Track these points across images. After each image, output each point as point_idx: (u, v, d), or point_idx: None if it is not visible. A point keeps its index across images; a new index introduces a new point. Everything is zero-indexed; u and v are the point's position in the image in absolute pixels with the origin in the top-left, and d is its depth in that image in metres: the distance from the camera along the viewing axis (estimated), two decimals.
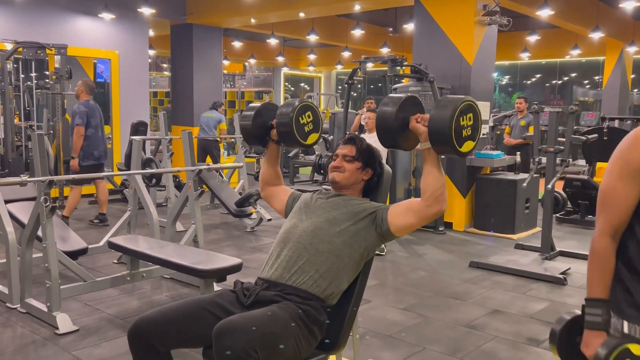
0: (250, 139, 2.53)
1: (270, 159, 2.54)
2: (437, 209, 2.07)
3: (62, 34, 7.96)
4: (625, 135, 1.57)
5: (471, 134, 2.02)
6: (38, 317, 3.58)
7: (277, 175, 2.55)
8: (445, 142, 1.97)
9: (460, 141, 1.99)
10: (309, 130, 2.41)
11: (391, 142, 2.18)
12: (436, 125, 1.99)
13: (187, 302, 2.09)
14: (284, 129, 2.37)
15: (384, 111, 2.11)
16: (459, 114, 1.97)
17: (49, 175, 3.50)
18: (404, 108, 2.10)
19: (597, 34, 9.71)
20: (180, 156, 5.46)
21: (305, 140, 2.41)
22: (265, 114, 2.48)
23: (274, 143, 2.48)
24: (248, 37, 14.17)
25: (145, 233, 4.77)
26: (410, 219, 2.12)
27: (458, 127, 1.97)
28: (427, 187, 2.07)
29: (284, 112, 2.37)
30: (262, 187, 2.59)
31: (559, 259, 5.24)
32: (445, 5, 6.55)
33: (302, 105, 2.37)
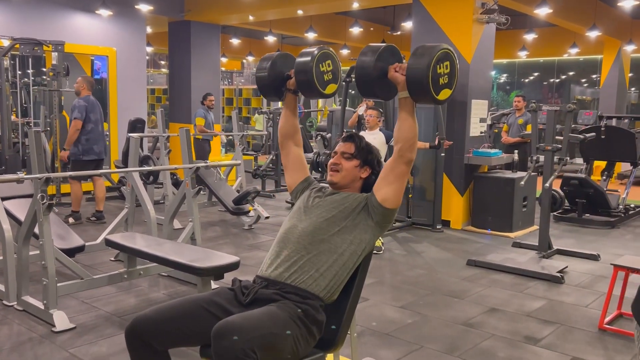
0: (266, 91, 2.48)
1: (288, 110, 2.49)
2: (409, 157, 2.14)
3: (60, 31, 7.93)
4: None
5: (448, 82, 2.05)
6: (35, 314, 3.57)
7: (295, 128, 2.50)
8: (423, 90, 2.01)
9: (438, 89, 2.02)
10: (328, 80, 2.34)
11: (370, 92, 2.22)
12: (413, 73, 2.01)
13: (184, 300, 2.08)
14: (304, 77, 2.30)
15: (362, 61, 2.14)
16: (435, 61, 1.99)
17: (45, 173, 3.48)
18: (382, 57, 2.12)
19: (594, 33, 9.71)
20: (178, 153, 5.45)
21: (324, 89, 2.34)
22: (282, 64, 2.43)
23: (291, 93, 2.43)
24: (246, 34, 14.13)
25: (143, 230, 4.77)
26: (391, 183, 2.16)
27: (435, 75, 2.00)
28: (402, 135, 2.12)
29: (304, 60, 2.29)
30: (281, 142, 2.50)
31: (556, 257, 5.25)
32: (444, 4, 6.54)
33: (322, 53, 2.31)
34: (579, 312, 3.91)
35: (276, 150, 8.90)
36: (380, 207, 2.18)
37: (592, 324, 3.66)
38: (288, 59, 2.45)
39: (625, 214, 7.14)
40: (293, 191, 2.45)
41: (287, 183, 2.49)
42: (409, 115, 2.11)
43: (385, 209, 2.18)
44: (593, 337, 3.48)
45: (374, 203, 2.19)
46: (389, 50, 2.16)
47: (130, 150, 5.29)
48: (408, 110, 2.11)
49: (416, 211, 6.64)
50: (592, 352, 3.25)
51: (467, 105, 6.48)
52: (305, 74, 2.28)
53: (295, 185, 2.44)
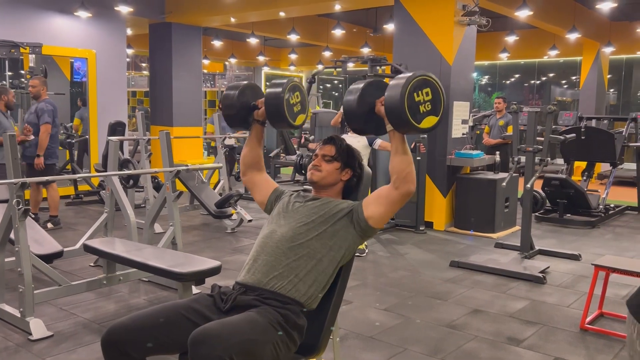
0: (233, 121, 2.45)
1: (254, 141, 2.46)
2: (405, 190, 2.08)
3: (38, 33, 7.80)
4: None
5: (431, 109, 2.02)
6: (11, 322, 3.49)
7: (259, 158, 2.48)
8: (402, 121, 1.97)
9: (418, 117, 1.98)
10: (297, 111, 2.35)
11: (360, 128, 2.20)
12: (389, 105, 1.98)
13: (162, 307, 2.04)
14: (275, 109, 2.28)
15: (348, 100, 2.12)
16: (411, 89, 1.96)
17: (21, 177, 3.41)
18: (368, 93, 2.10)
19: (574, 35, 9.83)
20: (159, 157, 5.39)
21: (294, 120, 2.33)
22: (249, 94, 2.40)
23: (258, 124, 2.41)
24: (228, 36, 14.06)
25: (123, 235, 4.69)
26: (382, 206, 2.12)
27: (413, 104, 1.96)
28: (394, 169, 2.09)
29: (274, 92, 2.28)
30: (244, 171, 2.48)
31: (538, 257, 5.28)
32: (425, 6, 6.56)
33: (291, 85, 2.30)
34: (560, 312, 3.93)
35: None
36: (365, 223, 2.15)
37: (573, 324, 3.68)
38: (255, 89, 2.44)
39: (606, 213, 7.23)
40: (267, 204, 2.41)
41: (258, 201, 2.44)
42: (399, 147, 2.06)
43: (368, 225, 2.15)
44: (575, 337, 3.50)
45: (360, 216, 2.15)
46: (373, 85, 2.12)
47: (109, 153, 5.21)
48: (397, 142, 2.07)
49: (399, 213, 6.63)
50: (574, 352, 3.27)
51: (449, 107, 6.50)
52: (276, 106, 2.28)
53: (267, 197, 2.41)
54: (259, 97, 2.39)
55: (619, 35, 11.80)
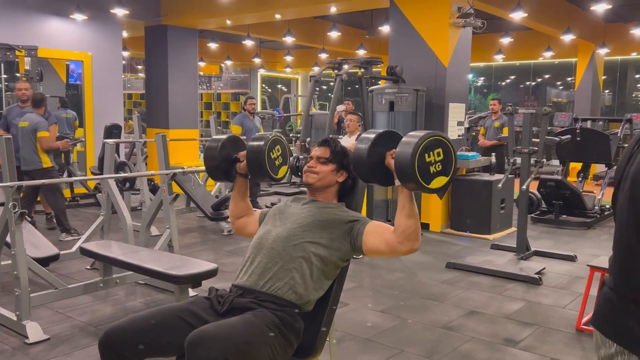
0: (215, 174, 2.48)
1: (239, 194, 2.48)
2: (408, 247, 2.03)
3: (33, 35, 7.79)
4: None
5: (442, 169, 1.97)
6: (7, 326, 3.48)
7: (247, 208, 2.49)
8: (410, 180, 1.93)
9: (428, 178, 1.93)
10: (279, 164, 2.40)
11: (368, 178, 2.19)
12: (399, 163, 1.94)
13: (159, 310, 2.04)
14: (256, 163, 2.33)
15: (358, 148, 2.09)
16: (422, 150, 1.91)
17: (17, 181, 3.40)
18: (379, 143, 2.07)
19: (569, 36, 9.87)
20: (155, 159, 5.38)
21: (276, 174, 2.39)
22: (230, 147, 2.44)
23: (241, 177, 2.43)
24: (224, 38, 14.07)
25: (120, 238, 4.69)
26: (382, 247, 2.09)
27: (423, 164, 1.91)
28: (399, 224, 2.04)
29: (255, 147, 2.34)
30: (233, 222, 2.51)
31: (534, 258, 5.29)
32: (421, 8, 6.58)
33: (273, 140, 2.36)
34: (557, 313, 3.94)
35: None
36: (359, 245, 2.13)
37: (569, 325, 3.69)
38: (236, 142, 2.47)
39: (601, 214, 7.25)
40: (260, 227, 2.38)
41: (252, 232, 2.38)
42: (406, 205, 2.02)
43: (361, 250, 2.14)
44: (571, 338, 3.51)
45: (359, 237, 2.13)
46: (385, 135, 2.10)
47: (105, 156, 5.21)
48: (405, 199, 2.02)
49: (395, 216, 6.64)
50: (570, 353, 3.28)
51: (445, 108, 6.52)
52: (258, 160, 2.33)
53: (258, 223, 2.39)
54: (240, 150, 2.42)
55: (613, 36, 11.85)
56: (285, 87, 20.07)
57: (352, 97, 11.24)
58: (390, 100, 6.33)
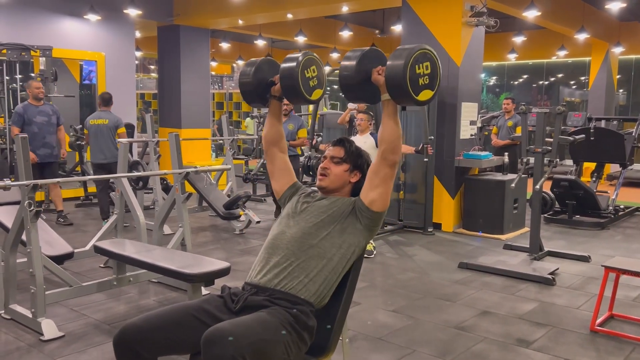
0: (250, 97, 2.43)
1: (274, 116, 2.45)
2: (392, 160, 2.13)
3: (48, 36, 7.87)
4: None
5: (429, 83, 2.04)
6: (23, 323, 3.52)
7: (280, 135, 2.47)
8: (402, 91, 2.00)
9: (417, 89, 2.01)
10: (313, 85, 2.32)
11: (354, 96, 2.22)
12: (391, 74, 2.01)
13: (173, 308, 2.06)
14: (289, 83, 2.27)
15: (345, 65, 2.13)
16: (413, 61, 1.98)
17: (33, 179, 3.44)
18: (365, 61, 2.12)
19: (582, 35, 9.78)
20: (168, 158, 5.42)
21: (310, 95, 2.31)
22: (266, 70, 2.40)
23: (276, 100, 2.40)
24: (236, 38, 14.12)
25: (133, 237, 4.72)
26: (377, 186, 2.16)
27: (414, 76, 1.99)
28: (384, 138, 2.13)
29: (289, 66, 2.27)
30: (266, 148, 2.47)
31: (548, 259, 5.26)
32: (433, 7, 6.56)
33: (307, 59, 2.28)
34: (570, 314, 3.92)
35: None
36: (368, 211, 2.17)
37: (583, 326, 3.66)
38: (272, 65, 2.43)
39: (615, 215, 7.18)
40: (281, 197, 2.43)
41: (275, 189, 2.45)
42: (391, 117, 2.11)
43: (372, 212, 2.17)
44: (585, 339, 3.48)
45: (361, 207, 2.18)
46: (372, 53, 2.16)
47: (119, 155, 5.25)
48: (389, 113, 2.11)
49: (407, 214, 6.64)
50: (584, 354, 3.25)
51: (457, 107, 6.49)
52: (291, 79, 2.25)
53: (283, 192, 2.42)
54: (276, 73, 2.37)
55: (628, 35, 11.73)
56: None
57: None
58: None
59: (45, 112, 6.35)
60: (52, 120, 6.40)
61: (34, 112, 6.27)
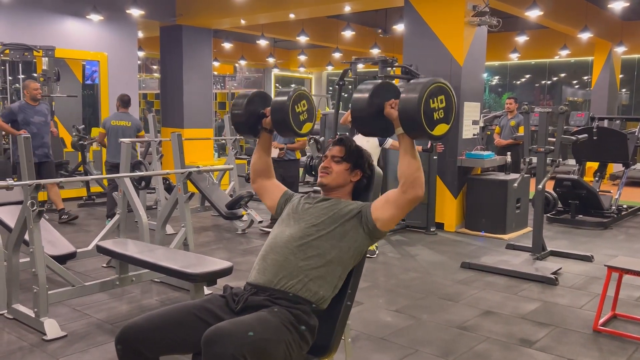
0: (242, 128, 2.47)
1: (263, 149, 2.48)
2: (413, 195, 2.06)
3: (50, 36, 7.89)
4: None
5: (444, 117, 2.01)
6: (25, 322, 3.53)
7: (268, 165, 2.50)
8: (416, 126, 1.96)
9: (432, 124, 1.97)
10: (304, 119, 2.36)
11: (367, 130, 2.19)
12: (405, 108, 1.97)
13: (175, 307, 2.06)
14: (280, 117, 2.31)
15: (356, 99, 2.11)
16: (427, 96, 1.95)
17: (35, 179, 3.45)
18: (378, 94, 2.09)
19: (585, 35, 9.76)
20: (170, 158, 5.42)
21: (300, 129, 2.35)
22: (258, 102, 2.43)
23: (266, 132, 2.44)
24: (238, 38, 14.11)
25: (135, 236, 4.73)
26: (390, 209, 2.11)
27: (428, 110, 1.95)
28: (402, 173, 2.07)
29: (279, 101, 2.31)
30: (253, 178, 2.51)
31: (550, 258, 5.25)
32: (435, 6, 6.55)
33: (297, 94, 2.33)
34: (573, 313, 3.91)
35: None
36: (372, 224, 2.15)
37: (586, 326, 3.65)
38: (263, 98, 2.47)
39: (618, 214, 7.17)
40: (277, 208, 2.42)
41: (268, 206, 2.45)
42: (407, 153, 2.04)
43: (375, 228, 2.15)
44: (588, 338, 3.47)
45: (368, 217, 2.15)
46: (384, 86, 2.12)
47: (121, 155, 5.25)
48: (406, 147, 2.05)
49: (410, 214, 6.62)
50: (587, 354, 3.25)
51: (460, 107, 6.48)
52: (282, 113, 2.30)
53: (277, 202, 2.41)
54: (267, 105, 2.41)
55: (631, 34, 11.70)
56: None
57: None
58: None
59: (42, 112, 6.35)
60: (47, 119, 6.41)
61: (32, 112, 6.25)
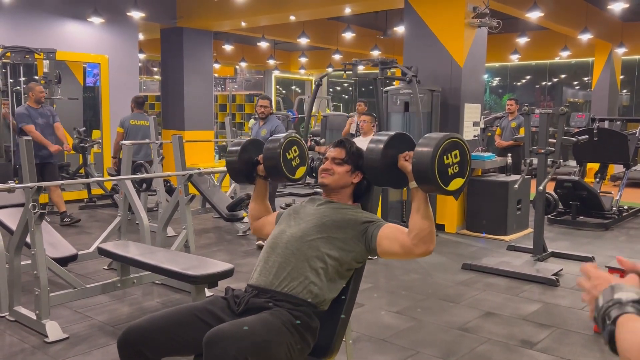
0: (237, 176, 2.53)
1: (259, 196, 2.52)
2: (423, 250, 2.03)
3: (51, 38, 7.90)
4: None
5: (459, 171, 1.98)
6: (27, 325, 3.54)
7: (267, 210, 2.54)
8: (430, 182, 1.93)
9: (446, 179, 1.94)
10: (296, 165, 2.43)
11: (380, 181, 2.21)
12: (418, 165, 1.94)
13: (177, 309, 2.06)
14: (272, 163, 2.38)
15: (371, 149, 2.11)
16: (441, 152, 1.92)
17: (37, 182, 3.45)
18: (392, 145, 2.09)
19: (586, 36, 9.77)
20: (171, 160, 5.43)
21: (294, 175, 2.43)
22: (251, 150, 2.49)
23: (262, 179, 2.48)
24: (239, 40, 14.14)
25: (136, 238, 4.73)
26: (396, 249, 2.09)
27: (442, 166, 1.93)
28: (413, 226, 2.03)
29: (270, 148, 2.39)
30: (253, 224, 2.55)
31: (551, 260, 5.25)
32: (436, 8, 6.56)
33: (288, 141, 2.40)
34: (574, 315, 3.91)
35: None
36: (374, 248, 2.13)
37: (587, 327, 3.65)
38: (257, 145, 2.51)
39: (619, 215, 7.16)
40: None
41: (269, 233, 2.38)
42: (421, 207, 2.01)
43: (375, 251, 2.14)
44: (589, 340, 3.47)
45: (373, 240, 2.12)
46: (398, 137, 2.12)
47: (122, 157, 5.26)
48: (420, 202, 2.02)
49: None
50: (589, 355, 3.25)
51: (460, 109, 6.49)
52: (273, 161, 2.37)
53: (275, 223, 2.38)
54: (261, 152, 2.45)
55: (631, 35, 11.71)
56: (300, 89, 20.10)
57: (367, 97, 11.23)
58: (405, 101, 6.32)
59: (45, 114, 6.41)
60: (50, 121, 6.45)
61: (35, 114, 6.32)
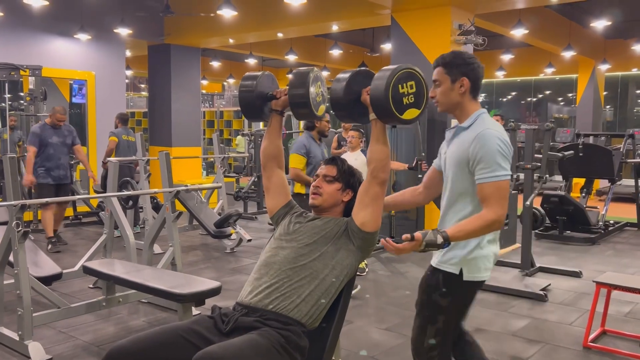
0: (250, 111, 2.40)
1: (273, 132, 2.41)
2: (383, 178, 2.15)
3: (38, 55, 7.86)
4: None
5: (414, 102, 2.09)
6: (9, 346, 3.46)
7: (279, 149, 2.44)
8: (384, 110, 2.05)
9: (401, 109, 2.06)
10: (319, 101, 2.32)
11: (345, 115, 2.26)
12: (374, 93, 2.06)
13: (162, 329, 2.02)
14: (300, 100, 2.25)
15: (335, 87, 2.19)
16: (396, 81, 2.04)
17: (21, 199, 3.41)
18: (356, 82, 2.18)
19: (569, 53, 9.93)
20: (158, 177, 5.40)
21: (317, 111, 2.30)
22: (266, 84, 2.40)
23: (277, 114, 2.39)
24: (226, 56, 14.18)
25: (122, 256, 4.67)
26: (367, 206, 2.16)
27: (397, 95, 2.04)
28: (373, 157, 2.14)
29: (299, 83, 2.26)
30: (264, 163, 2.42)
31: (539, 275, 5.26)
32: (422, 25, 6.63)
33: (315, 75, 2.28)
34: (563, 330, 3.91)
35: (258, 172, 8.87)
36: (360, 232, 2.16)
37: (576, 342, 3.65)
38: (270, 80, 2.43)
39: (605, 230, 7.22)
40: (274, 215, 2.40)
41: (268, 206, 2.43)
42: (380, 136, 2.14)
43: (364, 232, 2.15)
44: (578, 355, 3.47)
45: (353, 228, 2.17)
46: (361, 73, 2.21)
47: (108, 174, 5.21)
48: (378, 132, 2.14)
49: (399, 230, 6.62)
50: None
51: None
52: (302, 97, 2.24)
53: (277, 210, 2.39)
54: (274, 87, 2.40)
55: (614, 52, 11.92)
56: None
57: None
58: None
59: (62, 134, 6.31)
60: (66, 141, 6.34)
61: (50, 133, 6.23)
